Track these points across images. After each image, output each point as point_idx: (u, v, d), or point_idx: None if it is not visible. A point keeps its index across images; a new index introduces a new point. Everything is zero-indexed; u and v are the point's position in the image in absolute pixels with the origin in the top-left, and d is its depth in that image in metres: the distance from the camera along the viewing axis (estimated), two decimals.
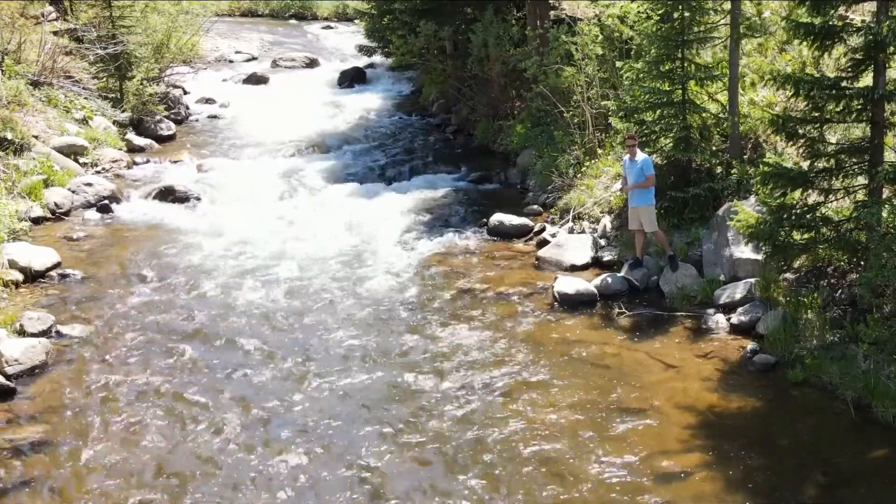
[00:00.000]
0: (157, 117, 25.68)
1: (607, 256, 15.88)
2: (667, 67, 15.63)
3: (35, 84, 23.05)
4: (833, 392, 11.24)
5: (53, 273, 15.45)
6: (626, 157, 14.91)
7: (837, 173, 12.11)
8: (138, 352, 12.88)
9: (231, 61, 38.14)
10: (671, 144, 15.69)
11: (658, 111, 15.84)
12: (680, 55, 15.49)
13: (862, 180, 12.14)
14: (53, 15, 28.83)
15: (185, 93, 30.21)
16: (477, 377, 12.10)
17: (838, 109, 11.88)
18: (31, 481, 9.87)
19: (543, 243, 16.72)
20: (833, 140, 12.76)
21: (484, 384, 11.92)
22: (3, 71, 21.97)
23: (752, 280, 13.55)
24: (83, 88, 24.37)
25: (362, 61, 35.84)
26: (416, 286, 15.24)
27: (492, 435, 10.74)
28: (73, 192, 19.37)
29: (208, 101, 30.25)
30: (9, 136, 19.40)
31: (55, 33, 26.12)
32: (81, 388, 11.84)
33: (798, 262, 13.30)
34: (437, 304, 14.51)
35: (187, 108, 28.70)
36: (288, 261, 16.24)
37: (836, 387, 11.25)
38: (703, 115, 15.74)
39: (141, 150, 23.88)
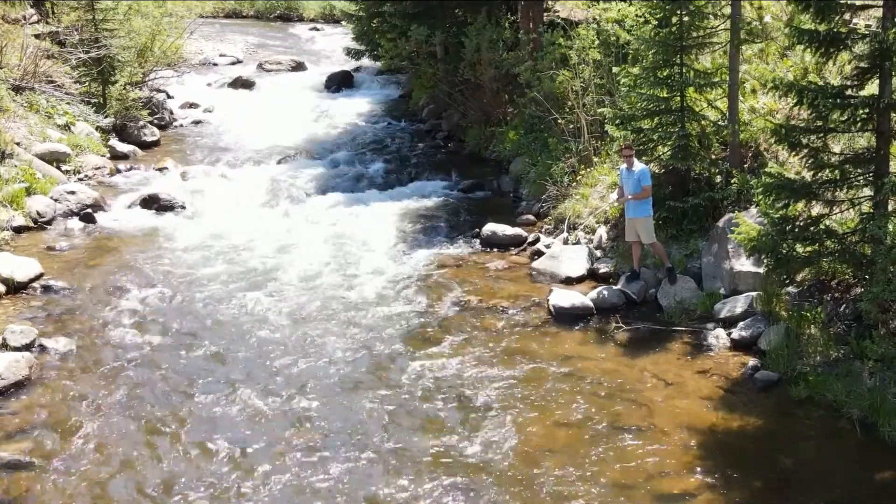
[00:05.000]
0: (141, 123, 25.31)
1: (603, 268, 15.60)
2: (665, 73, 15.38)
3: (16, 89, 22.71)
4: (838, 410, 10.99)
5: (36, 284, 15.21)
6: (623, 166, 14.64)
7: (842, 184, 11.84)
8: (123, 365, 12.66)
9: (215, 64, 37.90)
10: (669, 153, 15.43)
11: (656, 118, 15.64)
12: (678, 61, 15.23)
13: (867, 192, 11.88)
14: (35, 18, 28.42)
15: (169, 97, 29.96)
16: (468, 393, 11.85)
17: (843, 118, 11.60)
18: (14, 499, 9.66)
19: (537, 254, 16.47)
20: (837, 150, 12.51)
21: (476, 400, 11.67)
22: None
23: (754, 294, 13.27)
24: (65, 93, 24.02)
25: (350, 64, 35.56)
26: (405, 298, 14.96)
27: (485, 453, 10.50)
28: (56, 200, 19.11)
29: (192, 105, 29.96)
30: None
31: (37, 36, 25.69)
32: (66, 403, 11.64)
33: (801, 276, 13.02)
34: (427, 318, 14.24)
35: (171, 113, 28.41)
36: (275, 271, 16.02)
37: (840, 405, 11.00)
38: (703, 122, 15.49)
39: (124, 156, 23.54)
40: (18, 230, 17.59)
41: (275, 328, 13.83)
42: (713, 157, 15.60)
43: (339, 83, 33.64)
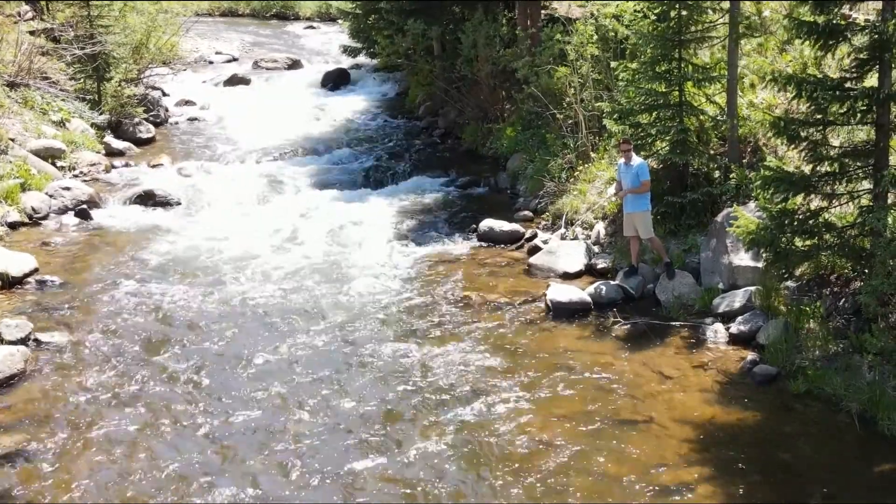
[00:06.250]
0: (136, 120, 25.27)
1: (601, 264, 15.54)
2: (663, 68, 15.32)
3: (11, 85, 22.61)
4: (837, 405, 10.93)
5: (31, 279, 15.21)
6: (621, 161, 14.57)
7: (841, 177, 11.78)
8: (118, 359, 12.61)
9: (211, 62, 37.85)
10: (667, 148, 15.35)
11: (654, 113, 15.57)
12: (677, 55, 15.16)
13: (866, 185, 11.80)
14: (30, 14, 28.33)
15: (165, 94, 29.85)
16: (467, 388, 11.77)
17: (842, 111, 11.54)
18: (9, 492, 9.61)
19: (535, 250, 16.38)
20: (836, 143, 12.45)
21: (474, 396, 11.60)
22: None
23: (752, 288, 13.20)
24: (60, 90, 23.88)
25: (346, 62, 35.46)
26: (403, 295, 14.89)
27: (483, 448, 10.44)
28: (51, 196, 19.06)
29: (188, 103, 29.88)
30: None
31: (32, 33, 25.60)
32: (60, 396, 11.61)
33: (800, 270, 12.96)
34: (425, 314, 14.16)
35: (167, 110, 28.35)
36: (270, 268, 15.95)
37: (839, 399, 10.94)
38: (701, 117, 15.42)
39: (119, 153, 23.51)
40: (13, 226, 17.59)
41: (270, 324, 13.75)
42: (712, 152, 15.54)
43: (336, 81, 33.53)
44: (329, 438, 10.67)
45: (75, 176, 20.93)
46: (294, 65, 37.23)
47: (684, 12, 14.92)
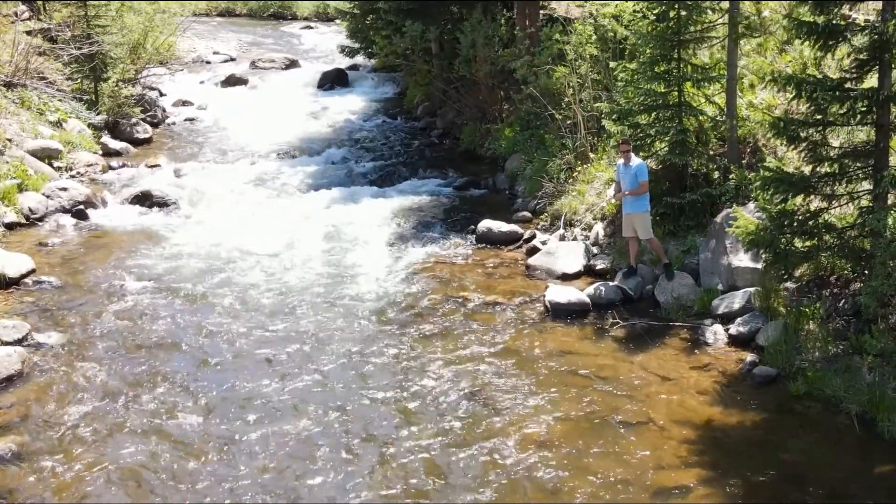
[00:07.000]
0: (133, 120, 25.29)
1: (600, 265, 15.50)
2: (662, 68, 15.28)
3: (8, 85, 22.58)
4: (836, 406, 10.90)
5: (28, 280, 15.18)
6: (620, 161, 14.54)
7: (841, 178, 11.75)
8: (115, 361, 12.58)
9: (208, 62, 37.83)
10: (667, 148, 15.30)
11: (653, 114, 15.53)
12: (676, 55, 15.12)
13: (866, 185, 11.77)
14: (27, 14, 28.30)
15: (162, 95, 29.94)
16: (465, 389, 11.74)
17: (842, 112, 11.52)
18: (7, 493, 9.59)
19: (533, 251, 16.34)
20: (836, 144, 12.40)
21: (473, 397, 11.58)
22: None
23: (752, 289, 13.16)
24: (57, 90, 23.86)
25: (344, 62, 35.44)
26: (401, 296, 14.85)
27: (481, 450, 10.40)
28: (48, 196, 19.01)
29: (185, 103, 29.92)
30: None
31: (28, 33, 25.54)
32: (58, 397, 11.59)
33: (799, 271, 12.93)
34: (423, 315, 14.13)
35: (164, 110, 28.39)
36: (268, 268, 15.94)
37: (839, 401, 10.91)
38: (700, 117, 15.38)
39: (117, 153, 23.53)
40: (10, 226, 17.57)
41: (268, 325, 13.71)
42: (711, 152, 15.51)
43: (334, 81, 33.51)
44: (327, 437, 10.64)
45: (72, 176, 20.92)
46: (291, 65, 37.22)
47: (683, 12, 14.87)
